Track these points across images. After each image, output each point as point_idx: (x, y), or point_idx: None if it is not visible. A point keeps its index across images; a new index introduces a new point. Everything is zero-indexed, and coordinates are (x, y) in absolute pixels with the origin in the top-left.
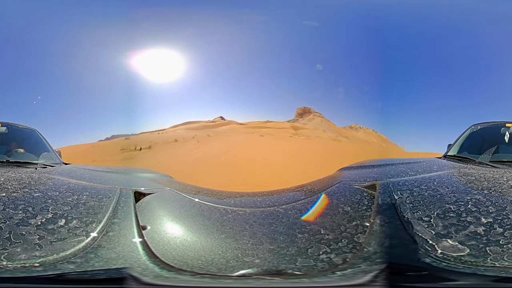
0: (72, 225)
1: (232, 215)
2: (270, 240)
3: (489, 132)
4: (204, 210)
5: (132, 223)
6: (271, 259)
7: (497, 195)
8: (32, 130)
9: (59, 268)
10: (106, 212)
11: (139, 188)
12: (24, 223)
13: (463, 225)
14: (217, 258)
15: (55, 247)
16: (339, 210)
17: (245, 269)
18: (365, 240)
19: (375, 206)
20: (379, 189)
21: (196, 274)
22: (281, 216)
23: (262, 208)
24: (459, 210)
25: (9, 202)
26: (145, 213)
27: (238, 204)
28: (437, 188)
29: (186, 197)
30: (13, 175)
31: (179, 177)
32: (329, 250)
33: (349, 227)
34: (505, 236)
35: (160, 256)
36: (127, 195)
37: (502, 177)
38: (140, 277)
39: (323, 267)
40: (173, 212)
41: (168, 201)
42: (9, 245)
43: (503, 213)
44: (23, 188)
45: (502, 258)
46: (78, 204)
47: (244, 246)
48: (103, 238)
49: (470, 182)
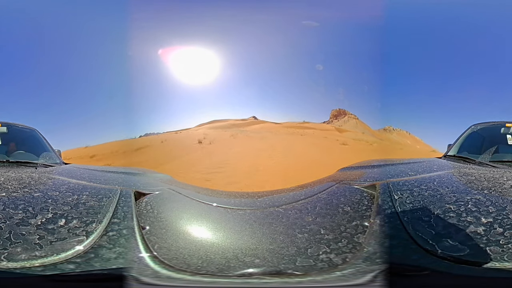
0: (72, 225)
1: (232, 215)
2: (270, 240)
3: (489, 132)
4: (204, 210)
5: (132, 223)
6: (271, 259)
7: (497, 195)
8: (32, 130)
9: (59, 268)
10: (106, 212)
11: (139, 188)
12: (24, 223)
13: (463, 225)
14: (217, 258)
15: (55, 247)
16: (339, 210)
17: (245, 269)
18: (365, 240)
19: (375, 206)
20: (379, 189)
21: (196, 274)
22: (281, 216)
23: (262, 208)
24: (459, 210)
25: (9, 202)
26: (145, 213)
27: (238, 204)
28: (437, 188)
29: (186, 197)
30: (13, 175)
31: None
32: (329, 250)
33: (349, 227)
34: (505, 236)
35: (160, 256)
36: (127, 195)
37: (502, 177)
38: (140, 277)
39: (323, 267)
40: (173, 212)
41: (168, 201)
42: (9, 245)
43: (503, 213)
44: (23, 188)
45: (502, 258)
46: (78, 204)
47: (244, 246)
48: (103, 238)
49: (470, 182)
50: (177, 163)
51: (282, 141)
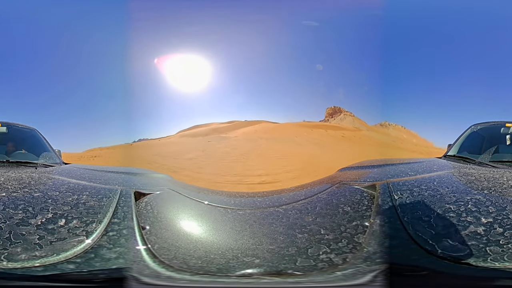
0: (72, 225)
1: (232, 215)
2: (270, 240)
3: (489, 132)
4: (204, 210)
5: (132, 223)
6: (271, 259)
7: (497, 195)
8: (32, 130)
9: (59, 268)
10: (106, 212)
11: (139, 188)
12: (24, 223)
13: (463, 225)
14: (217, 258)
15: (55, 247)
16: (339, 210)
17: (245, 269)
18: (365, 240)
19: (375, 207)
20: (379, 189)
21: (196, 274)
22: (281, 216)
23: (262, 208)
24: (459, 210)
25: (9, 202)
26: (145, 213)
27: (238, 204)
28: (437, 188)
29: (186, 197)
30: (13, 175)
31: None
32: (329, 250)
33: (349, 227)
34: (505, 236)
35: (160, 256)
36: (127, 195)
37: (502, 177)
38: (140, 277)
39: (323, 267)
40: (173, 212)
41: (168, 201)
42: (9, 245)
43: (503, 213)
44: (23, 188)
45: (502, 258)
46: (78, 204)
47: (244, 246)
48: (103, 238)
49: (470, 182)
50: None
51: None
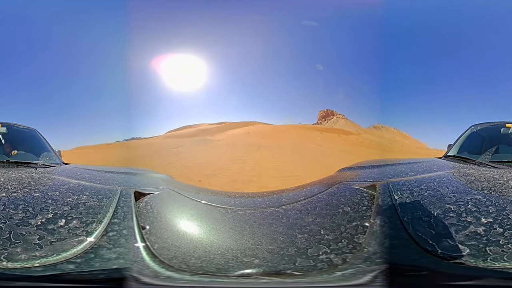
0: (72, 225)
1: (232, 215)
2: (269, 240)
3: (489, 132)
4: (204, 210)
5: (132, 223)
6: (270, 259)
7: (497, 195)
8: (32, 130)
9: (59, 268)
10: (106, 212)
11: (139, 188)
12: (24, 223)
13: (463, 225)
14: (216, 258)
15: (55, 247)
16: (339, 210)
17: (245, 269)
18: (365, 241)
19: (375, 207)
20: (379, 190)
21: (195, 274)
22: (281, 216)
23: (262, 208)
24: (459, 210)
25: (9, 202)
26: (145, 213)
27: (238, 204)
28: (437, 188)
29: (186, 197)
30: (13, 175)
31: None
32: (329, 251)
33: (349, 227)
34: (505, 236)
35: (160, 256)
36: (127, 195)
37: (502, 177)
38: (140, 277)
39: (323, 268)
40: (173, 212)
41: (168, 201)
42: (9, 245)
43: (503, 213)
44: (23, 188)
45: (502, 258)
46: (78, 204)
47: (244, 246)
48: (103, 238)
49: (470, 182)
50: None
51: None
